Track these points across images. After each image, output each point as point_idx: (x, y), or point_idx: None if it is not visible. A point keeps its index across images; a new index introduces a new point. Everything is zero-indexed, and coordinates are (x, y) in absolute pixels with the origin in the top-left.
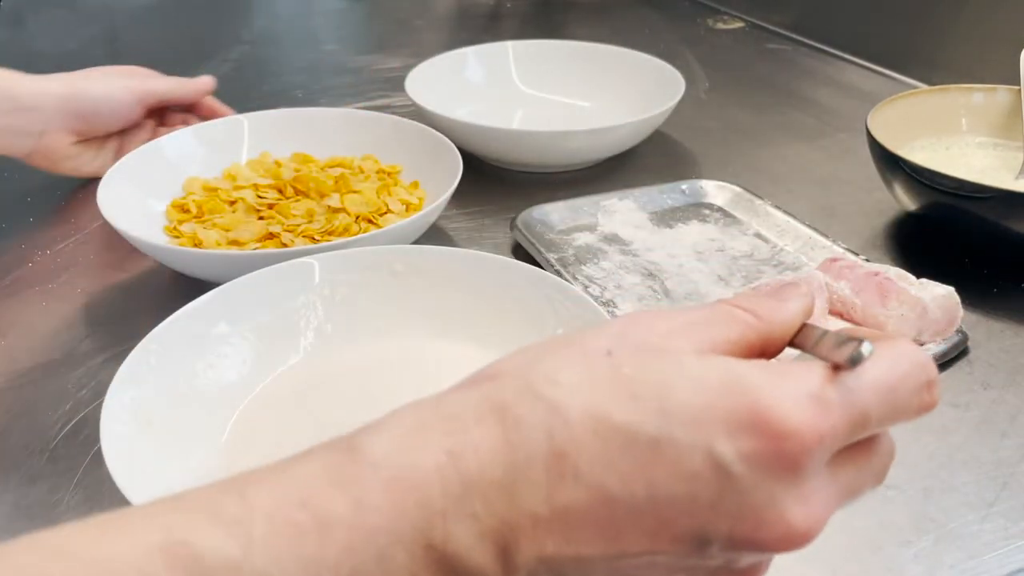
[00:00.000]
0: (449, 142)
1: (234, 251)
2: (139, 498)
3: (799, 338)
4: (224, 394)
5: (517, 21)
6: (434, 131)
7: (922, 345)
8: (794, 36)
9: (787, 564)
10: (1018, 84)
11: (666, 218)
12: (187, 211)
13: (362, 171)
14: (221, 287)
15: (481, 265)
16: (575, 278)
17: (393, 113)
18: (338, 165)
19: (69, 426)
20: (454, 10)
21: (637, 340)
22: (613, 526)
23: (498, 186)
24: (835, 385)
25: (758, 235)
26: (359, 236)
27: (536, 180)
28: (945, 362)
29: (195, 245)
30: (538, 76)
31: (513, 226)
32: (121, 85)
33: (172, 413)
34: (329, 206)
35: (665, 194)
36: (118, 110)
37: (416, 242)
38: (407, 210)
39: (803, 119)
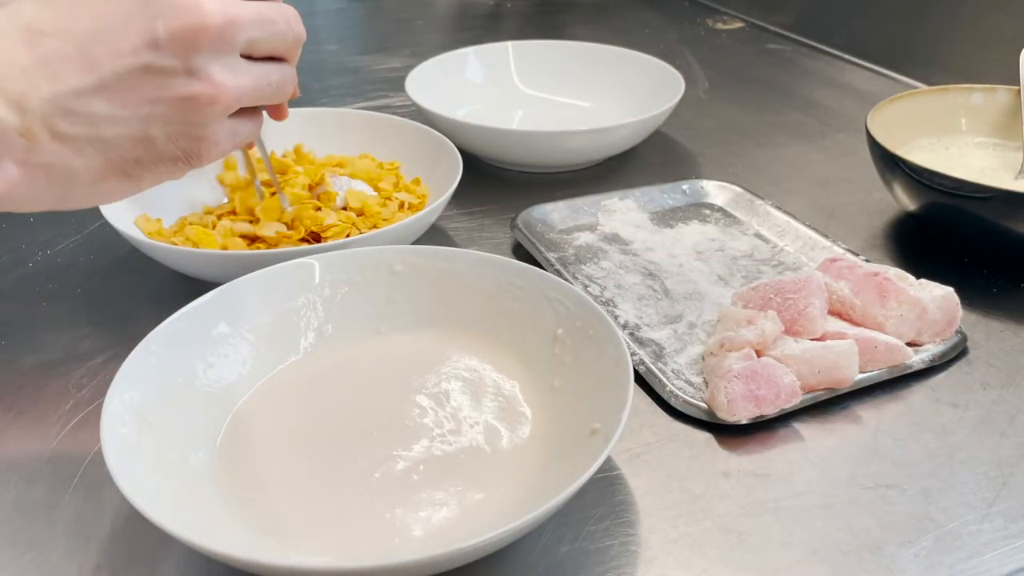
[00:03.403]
0: (449, 142)
1: (234, 251)
2: (139, 498)
3: None
4: (224, 394)
5: (517, 21)
6: (434, 131)
7: (921, 345)
8: (794, 36)
9: (787, 564)
10: (1018, 84)
11: (666, 218)
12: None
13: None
14: (221, 287)
15: (481, 265)
16: (575, 277)
17: (393, 113)
18: (337, 164)
19: (69, 426)
20: (454, 10)
21: None
22: (85, 57)
23: (498, 186)
24: None
25: (758, 235)
26: (359, 236)
27: (536, 180)
28: (945, 362)
29: (194, 245)
30: (538, 76)
31: (513, 226)
32: None
33: (172, 413)
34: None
35: (665, 194)
36: None
37: (416, 242)
38: (408, 208)
39: (803, 119)
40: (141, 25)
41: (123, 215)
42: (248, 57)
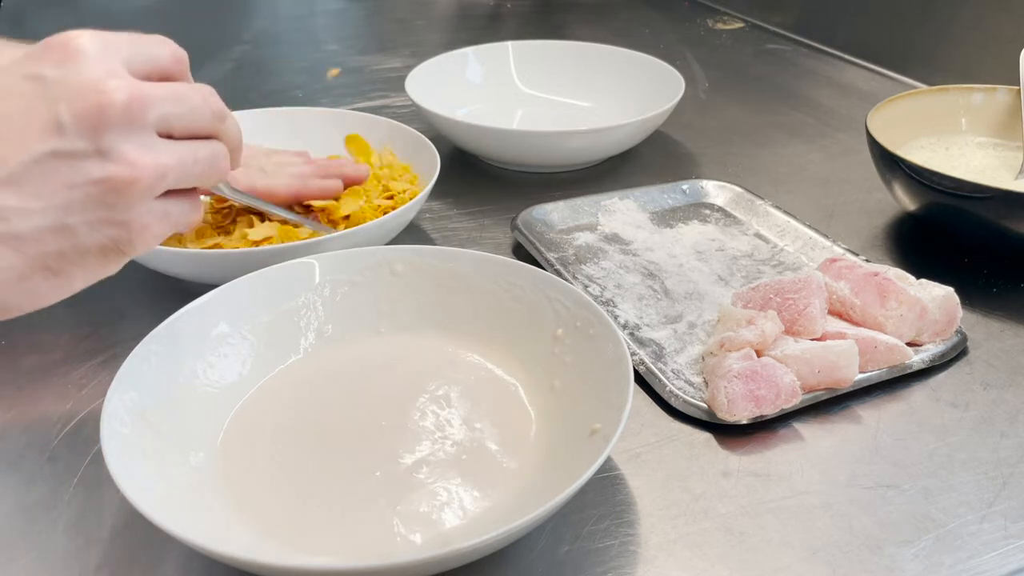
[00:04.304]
0: (425, 138)
1: (234, 251)
2: (139, 498)
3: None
4: (224, 394)
5: (517, 21)
6: (406, 126)
7: (921, 345)
8: (794, 36)
9: (787, 564)
10: (1018, 84)
11: (666, 218)
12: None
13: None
14: (221, 287)
15: (481, 265)
16: (575, 277)
17: (393, 113)
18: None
19: (69, 426)
20: (454, 10)
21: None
22: None
23: (498, 186)
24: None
25: (758, 235)
26: (353, 229)
27: (536, 180)
28: (945, 362)
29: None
30: (538, 76)
31: (513, 226)
32: None
33: (172, 413)
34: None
35: (665, 194)
36: None
37: (417, 242)
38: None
39: (803, 119)
40: (43, 112)
41: None
42: (170, 137)
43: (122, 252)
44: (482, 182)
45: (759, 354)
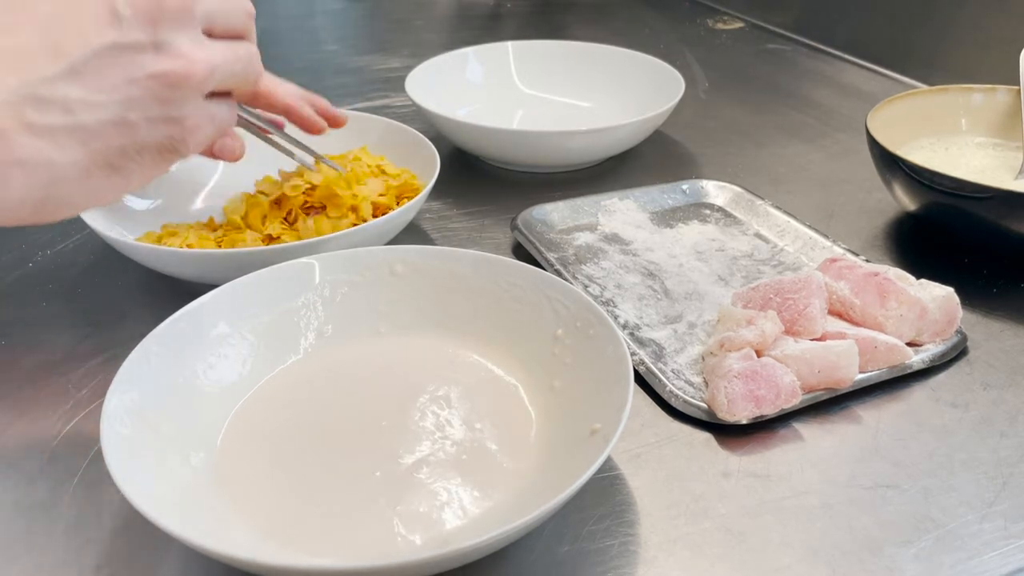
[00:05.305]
0: (425, 138)
1: (234, 251)
2: (139, 498)
3: None
4: (224, 394)
5: (517, 21)
6: (406, 126)
7: (921, 345)
8: (794, 36)
9: (787, 564)
10: (1018, 84)
11: (666, 218)
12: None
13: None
14: (221, 287)
15: (481, 265)
16: (575, 278)
17: (393, 113)
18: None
19: (69, 426)
20: (454, 10)
21: None
22: (49, 44)
23: (498, 186)
24: None
25: (758, 235)
26: (353, 229)
27: (536, 180)
28: (945, 362)
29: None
30: (538, 76)
31: (513, 226)
32: None
33: (172, 413)
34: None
35: (665, 194)
36: None
37: (417, 242)
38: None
39: (803, 119)
40: (100, 5)
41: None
42: (210, 36)
43: (176, 151)
44: (482, 182)
45: (759, 354)
